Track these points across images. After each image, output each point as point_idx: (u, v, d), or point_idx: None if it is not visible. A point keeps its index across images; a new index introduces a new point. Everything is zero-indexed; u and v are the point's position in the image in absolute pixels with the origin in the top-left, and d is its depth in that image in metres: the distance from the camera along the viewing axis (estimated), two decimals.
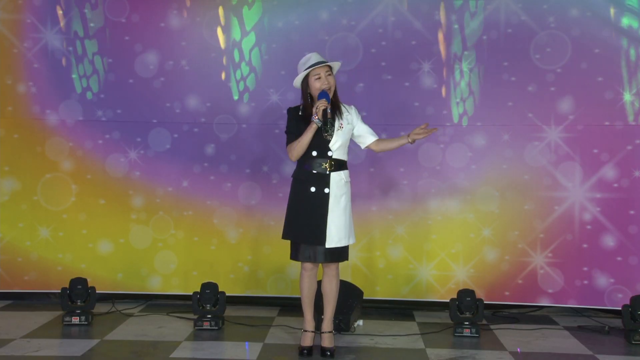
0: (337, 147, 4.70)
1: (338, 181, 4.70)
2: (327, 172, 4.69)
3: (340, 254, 4.74)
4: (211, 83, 6.10)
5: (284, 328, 5.48)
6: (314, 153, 4.69)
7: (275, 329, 5.46)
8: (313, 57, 4.71)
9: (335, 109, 4.71)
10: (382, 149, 4.90)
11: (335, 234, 4.68)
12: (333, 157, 4.70)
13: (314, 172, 4.70)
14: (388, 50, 6.01)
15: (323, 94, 4.62)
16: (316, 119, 4.59)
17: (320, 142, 4.67)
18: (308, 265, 4.75)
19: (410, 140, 4.72)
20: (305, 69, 4.67)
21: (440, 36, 5.97)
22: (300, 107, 4.76)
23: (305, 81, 4.70)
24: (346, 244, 4.73)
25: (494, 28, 5.91)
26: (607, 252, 5.80)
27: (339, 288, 4.88)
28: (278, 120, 5.99)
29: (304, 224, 4.69)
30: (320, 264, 4.80)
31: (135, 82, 6.12)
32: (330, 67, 4.72)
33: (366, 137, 4.86)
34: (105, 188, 6.14)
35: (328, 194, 4.68)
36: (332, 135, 4.66)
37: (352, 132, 4.80)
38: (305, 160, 4.73)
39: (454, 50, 5.95)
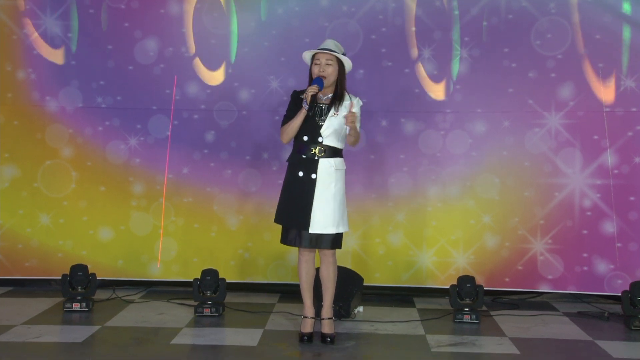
0: (328, 133, 4.68)
1: (327, 168, 4.68)
2: (316, 158, 4.68)
3: (329, 241, 4.70)
4: (211, 69, 6.08)
5: (285, 314, 5.49)
6: (305, 138, 4.69)
7: (276, 316, 5.47)
8: (325, 43, 4.74)
9: (335, 98, 4.71)
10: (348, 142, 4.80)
11: (322, 220, 4.65)
12: (324, 143, 4.67)
13: (304, 156, 4.70)
14: (388, 36, 5.99)
15: (316, 80, 4.65)
16: (304, 104, 4.61)
17: (312, 127, 4.67)
18: (305, 251, 4.76)
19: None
20: (314, 52, 4.71)
21: (441, 22, 5.94)
22: None
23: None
24: (334, 232, 4.69)
25: (495, 14, 5.89)
26: (607, 239, 5.81)
27: (339, 274, 4.89)
28: (278, 107, 5.98)
29: (291, 207, 4.71)
30: (317, 251, 4.80)
31: (135, 68, 6.10)
32: (335, 57, 4.69)
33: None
34: (105, 175, 6.13)
35: (315, 179, 4.67)
36: (324, 121, 4.66)
37: None
38: (297, 144, 4.75)
39: (454, 37, 5.93)
